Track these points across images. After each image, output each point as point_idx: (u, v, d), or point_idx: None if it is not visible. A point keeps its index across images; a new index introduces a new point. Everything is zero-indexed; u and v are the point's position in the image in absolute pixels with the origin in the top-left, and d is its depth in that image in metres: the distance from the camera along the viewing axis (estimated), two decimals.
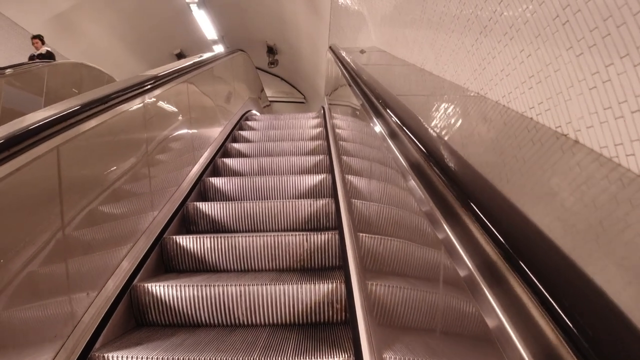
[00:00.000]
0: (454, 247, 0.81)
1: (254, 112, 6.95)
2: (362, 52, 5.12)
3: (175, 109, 3.27)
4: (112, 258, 2.11)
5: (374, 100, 1.94)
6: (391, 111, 1.60)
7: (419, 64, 3.55)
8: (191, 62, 3.80)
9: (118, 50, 11.08)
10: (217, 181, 3.54)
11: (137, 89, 2.48)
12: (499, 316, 0.63)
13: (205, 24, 11.55)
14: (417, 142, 1.22)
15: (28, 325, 1.50)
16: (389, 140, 1.55)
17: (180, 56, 12.80)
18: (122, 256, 2.19)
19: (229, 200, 3.36)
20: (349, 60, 3.34)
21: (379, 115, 1.79)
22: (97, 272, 1.97)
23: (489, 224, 0.71)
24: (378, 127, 1.81)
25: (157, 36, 11.83)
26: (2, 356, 1.36)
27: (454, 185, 0.90)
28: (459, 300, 0.90)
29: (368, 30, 5.96)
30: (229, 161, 4.03)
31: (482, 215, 0.73)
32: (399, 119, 1.48)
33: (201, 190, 3.51)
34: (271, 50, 13.44)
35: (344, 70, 3.35)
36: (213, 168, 3.95)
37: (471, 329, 0.84)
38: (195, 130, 3.71)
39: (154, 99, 2.79)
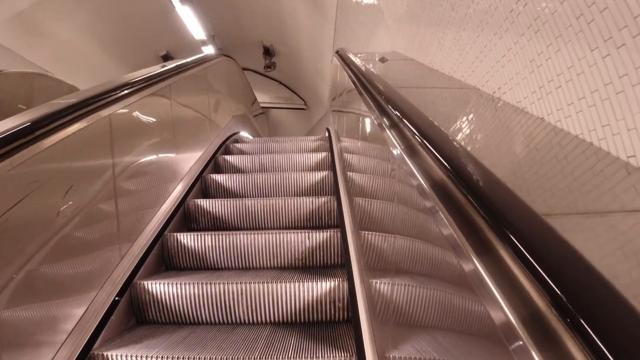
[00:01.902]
0: None
1: (241, 134, 5.72)
2: (382, 60, 4.03)
3: (96, 159, 2.05)
4: (111, 256, 2.08)
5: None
6: None
7: (488, 89, 2.30)
8: (126, 81, 2.38)
9: (95, 52, 9.97)
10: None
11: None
12: None
13: (192, 23, 10.36)
14: None
15: (28, 324, 1.47)
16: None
17: (166, 58, 11.97)
18: (122, 254, 2.17)
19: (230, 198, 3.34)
20: (381, 87, 1.98)
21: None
22: (96, 271, 1.94)
23: None
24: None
25: (140, 36, 10.75)
26: (4, 354, 1.35)
27: None
28: (463, 298, 0.89)
29: (386, 28, 4.75)
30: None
31: None
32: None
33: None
34: (268, 52, 12.76)
35: (366, 97, 2.24)
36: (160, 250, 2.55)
37: (476, 327, 0.83)
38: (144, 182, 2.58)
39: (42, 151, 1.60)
